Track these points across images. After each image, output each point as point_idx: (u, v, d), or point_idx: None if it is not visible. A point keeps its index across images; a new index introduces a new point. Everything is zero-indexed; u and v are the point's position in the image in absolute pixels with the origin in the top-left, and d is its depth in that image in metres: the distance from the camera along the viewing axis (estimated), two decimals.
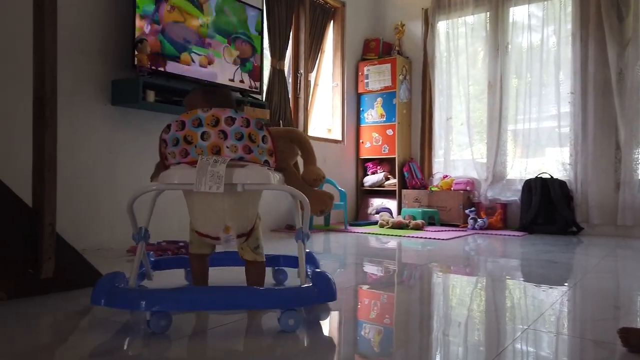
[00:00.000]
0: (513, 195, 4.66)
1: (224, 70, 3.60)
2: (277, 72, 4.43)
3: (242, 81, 3.75)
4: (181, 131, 1.39)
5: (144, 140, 3.17)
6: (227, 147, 1.38)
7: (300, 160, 1.88)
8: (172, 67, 3.22)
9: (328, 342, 1.34)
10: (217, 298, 1.36)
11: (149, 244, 2.72)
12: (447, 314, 1.63)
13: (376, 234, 4.09)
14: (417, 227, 4.36)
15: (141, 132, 3.18)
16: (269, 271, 1.88)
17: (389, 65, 5.16)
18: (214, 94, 1.64)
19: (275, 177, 1.47)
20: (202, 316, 1.51)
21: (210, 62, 3.49)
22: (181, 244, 2.77)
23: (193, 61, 3.36)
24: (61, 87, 1.75)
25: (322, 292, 1.42)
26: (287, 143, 1.79)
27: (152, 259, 1.83)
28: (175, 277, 1.97)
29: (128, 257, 2.64)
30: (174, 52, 3.23)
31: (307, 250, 1.84)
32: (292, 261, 1.97)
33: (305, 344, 1.30)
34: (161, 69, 3.14)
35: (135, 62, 2.95)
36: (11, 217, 1.67)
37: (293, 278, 1.96)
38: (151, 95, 2.97)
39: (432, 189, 4.96)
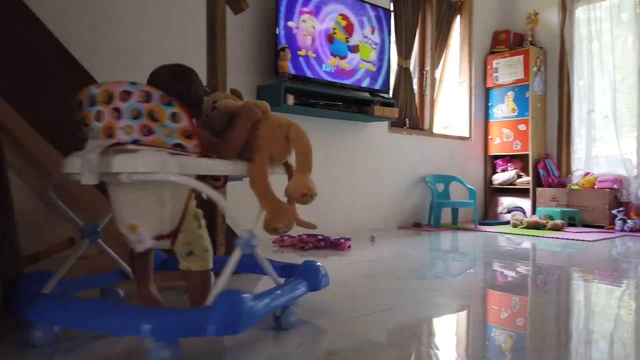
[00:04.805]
0: None
1: (355, 72, 3.74)
2: (403, 71, 4.47)
3: (371, 81, 3.87)
4: (80, 112, 1.18)
5: None
6: (121, 129, 1.11)
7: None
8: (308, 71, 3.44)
9: None
10: (75, 315, 1.12)
11: (291, 236, 2.96)
12: (589, 322, 1.53)
13: (509, 233, 3.93)
14: (556, 228, 4.10)
15: None
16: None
17: (521, 57, 4.91)
18: (182, 71, 1.37)
19: (191, 165, 1.15)
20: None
21: (342, 65, 3.65)
22: (320, 237, 2.95)
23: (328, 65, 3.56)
24: None
25: (222, 319, 1.05)
26: (280, 135, 1.41)
27: None
28: None
29: (273, 247, 2.89)
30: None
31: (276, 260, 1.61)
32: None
33: None
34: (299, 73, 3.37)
35: (278, 69, 3.21)
36: None
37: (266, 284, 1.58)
38: (290, 99, 3.21)
39: (572, 187, 4.62)
